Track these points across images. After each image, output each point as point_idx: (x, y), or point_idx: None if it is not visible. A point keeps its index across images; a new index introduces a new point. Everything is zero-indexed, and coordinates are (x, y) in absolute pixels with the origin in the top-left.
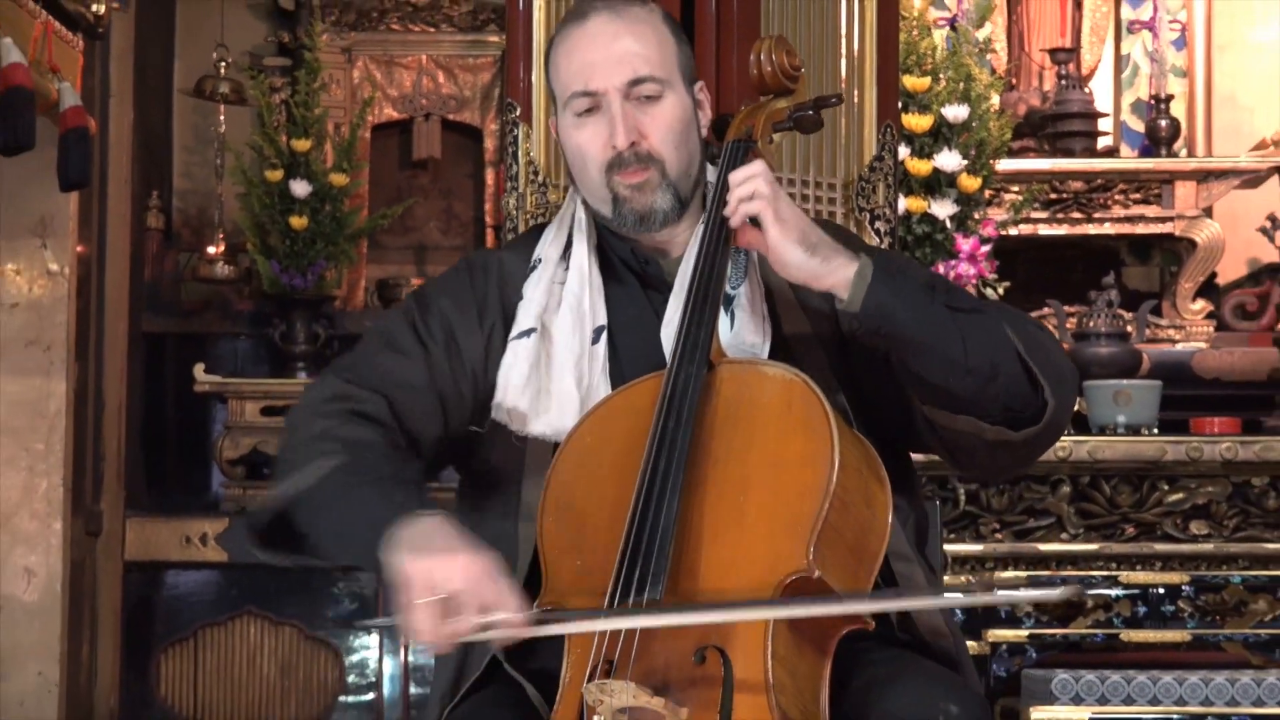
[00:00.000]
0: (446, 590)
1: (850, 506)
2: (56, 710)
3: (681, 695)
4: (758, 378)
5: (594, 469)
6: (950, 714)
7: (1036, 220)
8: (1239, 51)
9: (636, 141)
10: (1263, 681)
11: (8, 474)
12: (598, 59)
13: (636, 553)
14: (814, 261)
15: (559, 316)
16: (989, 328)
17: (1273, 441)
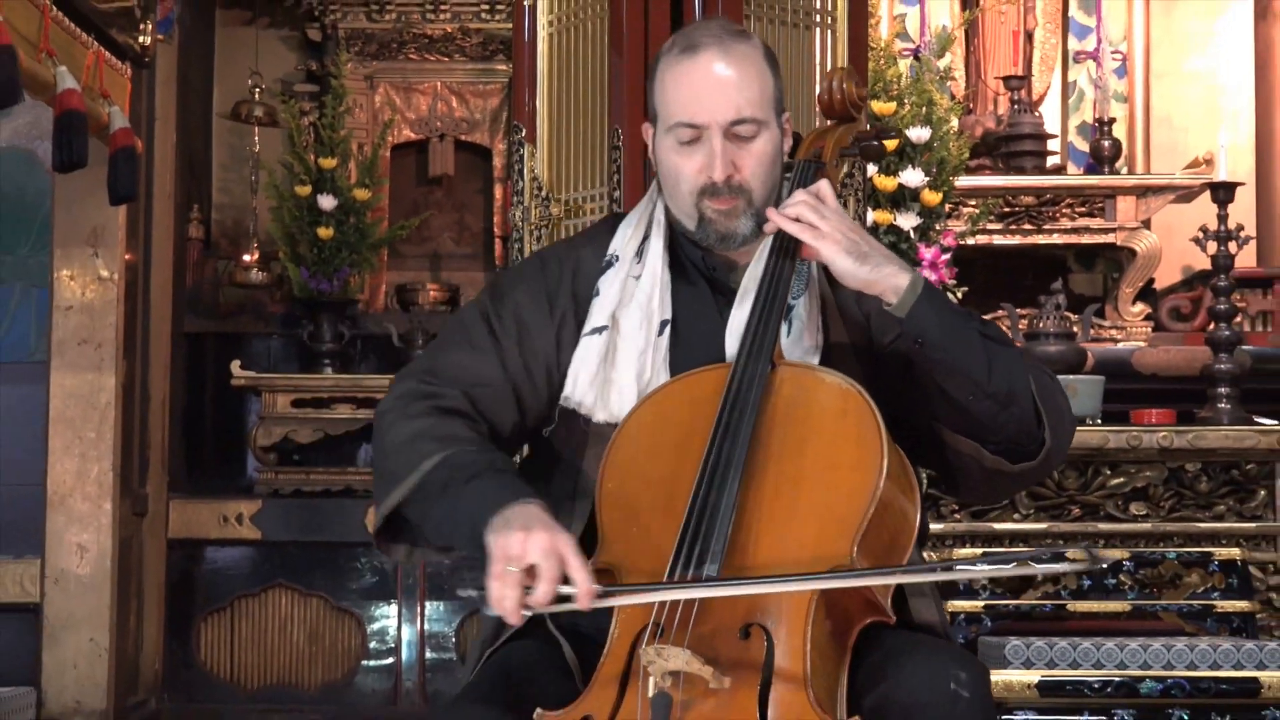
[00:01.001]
0: (525, 563)
1: (889, 510)
2: (106, 673)
3: (725, 667)
4: (816, 382)
5: (654, 447)
6: (960, 680)
7: (992, 231)
8: (1174, 79)
9: (731, 175)
10: (1195, 647)
11: (63, 460)
12: (704, 95)
13: (697, 530)
14: (865, 269)
15: (629, 311)
16: (1012, 360)
17: (1204, 431)
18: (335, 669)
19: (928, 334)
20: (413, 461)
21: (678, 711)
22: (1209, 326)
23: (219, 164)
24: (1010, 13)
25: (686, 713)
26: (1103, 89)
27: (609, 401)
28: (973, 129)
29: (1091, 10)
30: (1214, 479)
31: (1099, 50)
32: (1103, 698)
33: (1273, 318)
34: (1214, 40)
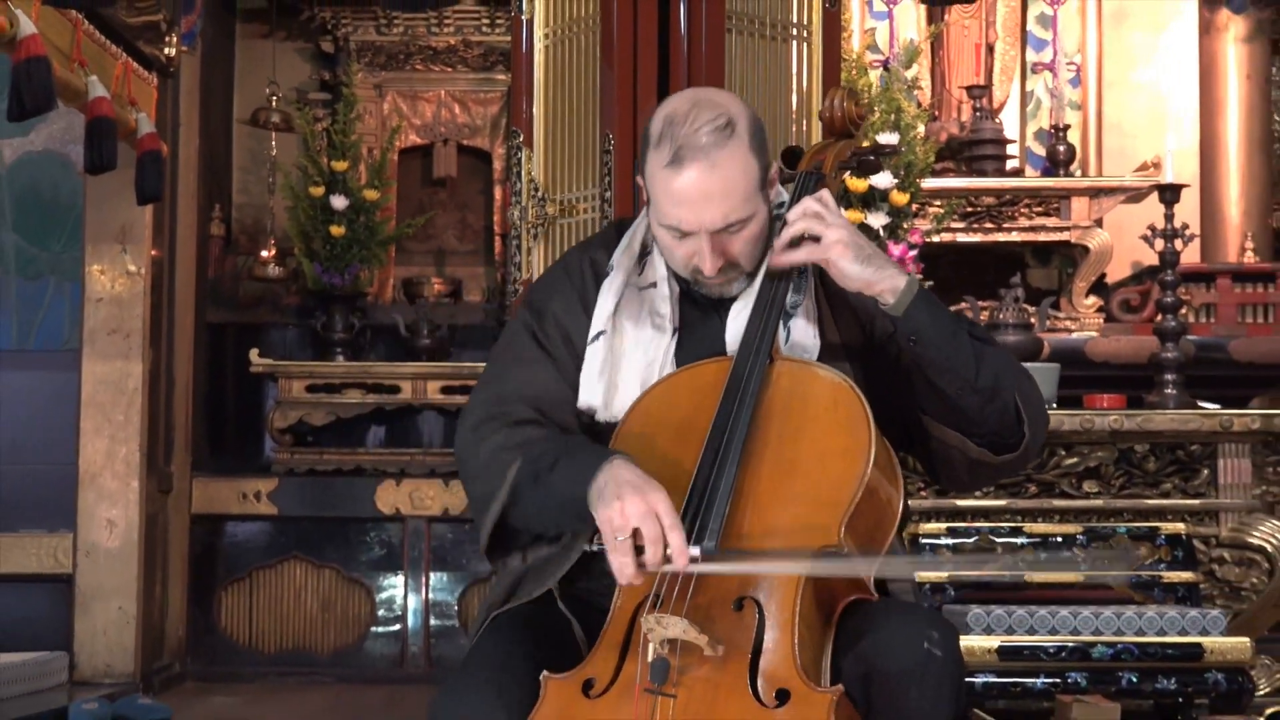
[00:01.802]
0: (629, 530)
1: (875, 497)
2: (134, 639)
3: (719, 636)
4: (811, 376)
5: (659, 429)
6: (933, 640)
7: (955, 229)
8: (1124, 89)
9: (721, 265)
10: (1143, 615)
11: (93, 441)
12: (691, 209)
13: (698, 507)
14: (869, 270)
15: (631, 316)
16: (998, 360)
17: (1152, 415)
18: (346, 635)
19: (921, 332)
20: (499, 474)
21: (674, 675)
22: (1156, 318)
23: (239, 166)
24: (973, 27)
25: (682, 677)
26: (1058, 98)
27: (614, 400)
28: (938, 134)
29: (1048, 25)
30: (1161, 459)
31: (1055, 62)
32: (1057, 662)
33: (1215, 310)
34: (1160, 53)
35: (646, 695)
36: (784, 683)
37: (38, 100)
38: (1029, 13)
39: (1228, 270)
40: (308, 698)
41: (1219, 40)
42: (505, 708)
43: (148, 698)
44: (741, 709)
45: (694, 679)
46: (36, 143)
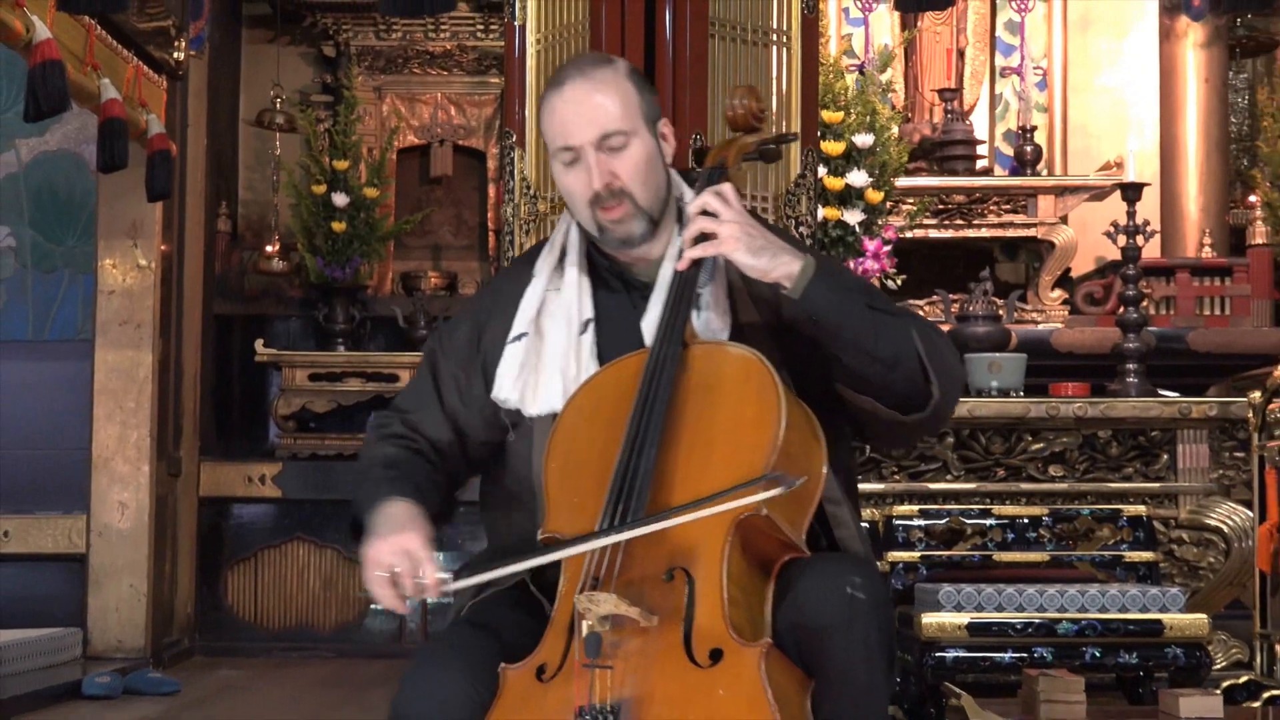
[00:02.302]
0: (385, 566)
1: (793, 459)
2: (144, 615)
3: (653, 606)
4: (723, 355)
5: (588, 426)
6: (855, 584)
7: (927, 226)
8: (1088, 92)
9: (610, 183)
10: (1106, 593)
11: (106, 427)
12: (572, 120)
13: (621, 492)
14: (761, 260)
15: (552, 318)
16: (898, 328)
17: (1115, 402)
18: (347, 612)
19: (818, 311)
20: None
21: (608, 648)
22: (1119, 310)
23: (244, 165)
24: (944, 33)
25: (620, 649)
26: (1025, 100)
27: (537, 396)
28: (911, 135)
29: (1016, 31)
30: (1123, 444)
31: (1022, 66)
32: (1024, 637)
33: (1175, 302)
34: (1122, 58)
35: (585, 671)
36: (716, 642)
37: (53, 102)
38: (998, 19)
39: (1186, 265)
40: (310, 672)
41: (1178, 46)
42: (471, 679)
43: (158, 672)
44: (676, 671)
45: (630, 649)
46: (51, 142)
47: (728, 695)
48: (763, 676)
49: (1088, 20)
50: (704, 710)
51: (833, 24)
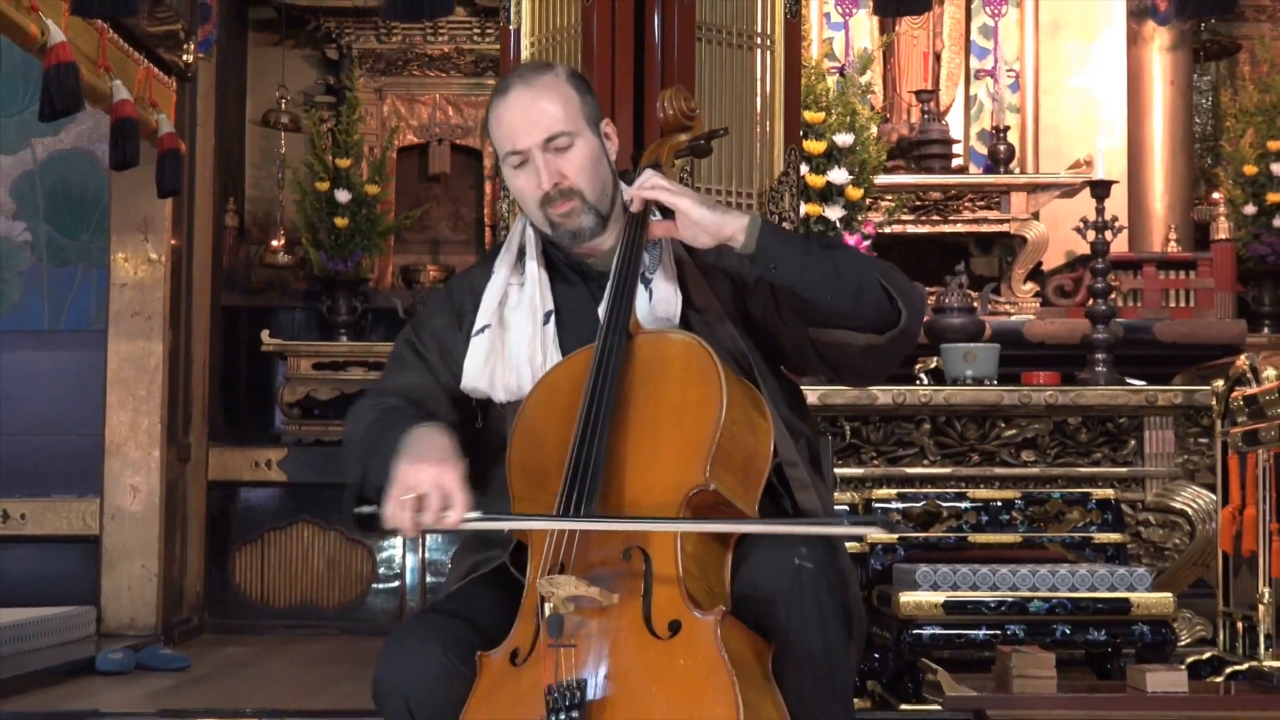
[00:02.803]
0: (417, 492)
1: (738, 436)
2: (156, 594)
3: (613, 585)
4: (666, 343)
5: (547, 419)
6: (801, 554)
7: (905, 221)
8: (1059, 94)
9: (558, 182)
10: (1076, 572)
11: (118, 414)
12: (519, 125)
13: (574, 479)
14: (715, 215)
15: (516, 310)
16: (854, 258)
17: (1084, 390)
18: (350, 591)
19: (777, 258)
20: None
21: (570, 628)
22: (1088, 302)
23: (251, 163)
24: (921, 37)
25: (583, 629)
26: (999, 101)
27: (507, 384)
28: (889, 135)
29: (989, 35)
30: (1092, 431)
31: (996, 69)
32: (998, 615)
33: (1141, 295)
34: (1092, 61)
35: (551, 651)
36: (674, 615)
37: (67, 102)
38: (972, 24)
39: (1153, 259)
40: (314, 648)
41: (1145, 50)
42: (445, 650)
43: (168, 648)
44: (638, 645)
45: (593, 628)
46: (66, 141)
47: (687, 664)
48: (719, 644)
49: (1058, 25)
50: (666, 681)
51: (814, 28)
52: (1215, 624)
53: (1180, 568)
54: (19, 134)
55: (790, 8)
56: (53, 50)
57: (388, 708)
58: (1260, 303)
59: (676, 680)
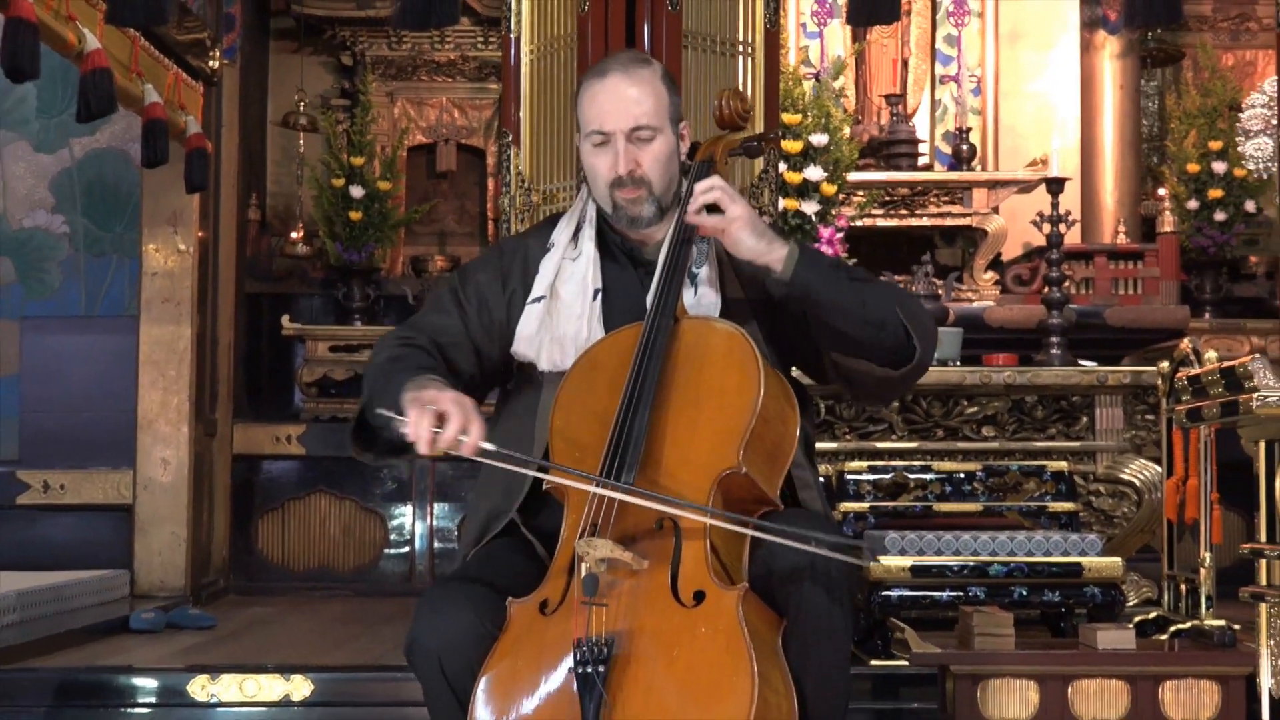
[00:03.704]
0: (440, 407)
1: (770, 423)
2: (184, 558)
3: (644, 551)
4: (710, 330)
5: (590, 388)
6: (819, 540)
7: (875, 215)
8: (1017, 98)
9: (633, 170)
10: (1032, 539)
11: (150, 393)
12: (609, 109)
13: (618, 447)
14: (761, 244)
15: (568, 284)
16: (881, 294)
17: (1040, 371)
18: (363, 556)
19: (810, 289)
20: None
21: (604, 588)
22: (1044, 290)
23: (272, 161)
24: (890, 45)
25: (614, 589)
26: (962, 105)
27: (552, 354)
28: (861, 135)
29: (954, 44)
30: (1047, 408)
31: (959, 75)
32: (960, 578)
33: (1093, 283)
34: (1047, 67)
35: (583, 607)
36: (700, 585)
37: (102, 105)
38: (937, 33)
39: (1104, 250)
40: (330, 608)
41: (1097, 57)
42: (475, 612)
43: (196, 608)
44: (664, 610)
45: (623, 590)
46: (101, 141)
47: (709, 632)
48: (740, 616)
49: (1017, 34)
50: (687, 645)
51: (792, 37)
52: (1160, 586)
53: (1128, 534)
54: (58, 134)
55: (769, 17)
56: (89, 57)
57: (421, 668)
58: (1202, 290)
59: (698, 647)
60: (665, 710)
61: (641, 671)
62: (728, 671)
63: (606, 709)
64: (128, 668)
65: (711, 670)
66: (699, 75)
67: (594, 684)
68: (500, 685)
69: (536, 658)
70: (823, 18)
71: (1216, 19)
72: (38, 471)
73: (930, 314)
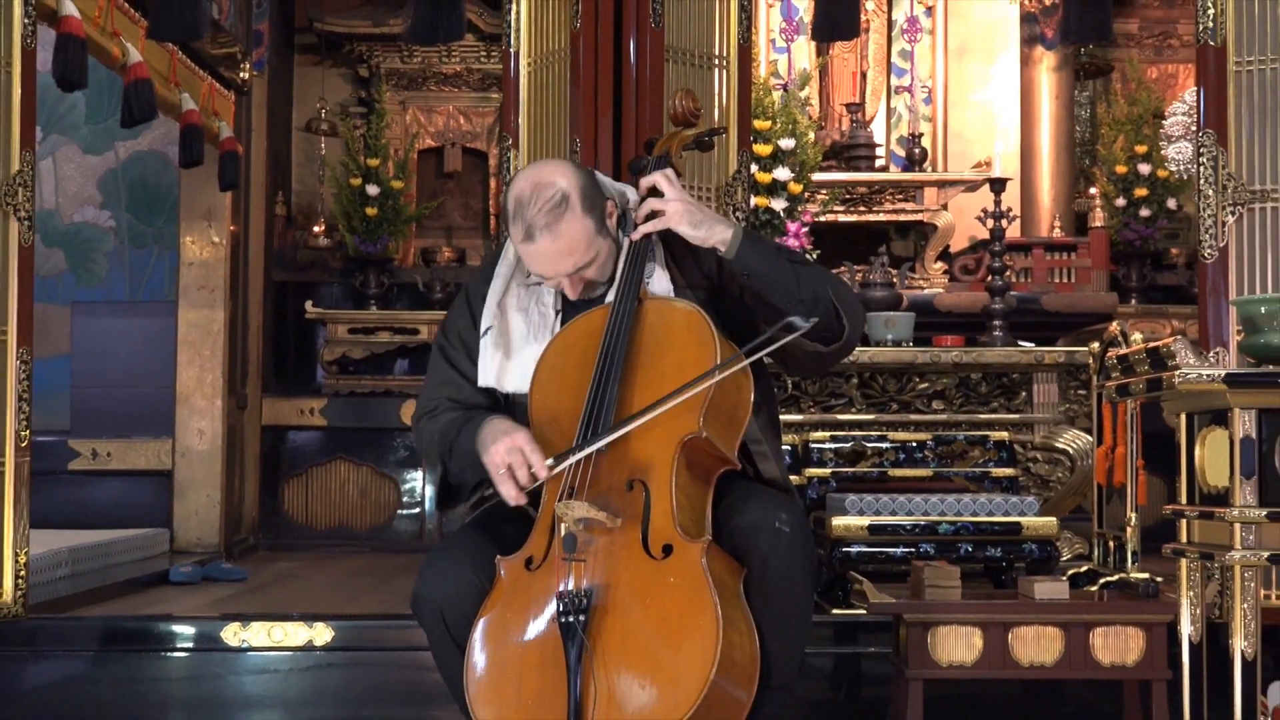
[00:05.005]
0: (505, 465)
1: (727, 391)
2: (218, 519)
3: (617, 510)
4: (669, 308)
5: (564, 368)
6: (781, 519)
7: (837, 212)
8: (964, 106)
9: (578, 286)
10: (977, 500)
11: (187, 370)
12: (543, 267)
13: (591, 418)
14: (701, 230)
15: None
16: (814, 276)
17: (984, 351)
18: (379, 516)
19: (751, 267)
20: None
21: (582, 545)
22: (987, 278)
23: (296, 163)
24: (851, 59)
25: (591, 546)
26: (914, 112)
27: (507, 378)
28: (824, 140)
29: (907, 58)
30: (990, 384)
31: (912, 85)
32: (913, 536)
33: (1031, 272)
34: (991, 80)
35: (564, 563)
36: (667, 539)
37: (143, 112)
38: (893, 48)
39: (1041, 243)
40: (349, 563)
41: (1035, 70)
42: (473, 569)
43: (229, 563)
44: (636, 563)
45: (600, 546)
46: (143, 144)
47: (677, 581)
48: (704, 566)
49: (964, 49)
50: (658, 594)
51: (762, 51)
52: (1091, 543)
53: (1062, 497)
54: (104, 138)
55: (743, 34)
56: (132, 69)
57: (425, 617)
58: (1129, 279)
59: (668, 594)
60: (640, 652)
61: (618, 619)
62: (694, 615)
63: (587, 653)
64: (167, 616)
65: (680, 615)
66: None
67: (576, 632)
68: (493, 634)
69: (524, 609)
70: (790, 34)
71: (1142, 36)
72: (87, 441)
73: (858, 298)
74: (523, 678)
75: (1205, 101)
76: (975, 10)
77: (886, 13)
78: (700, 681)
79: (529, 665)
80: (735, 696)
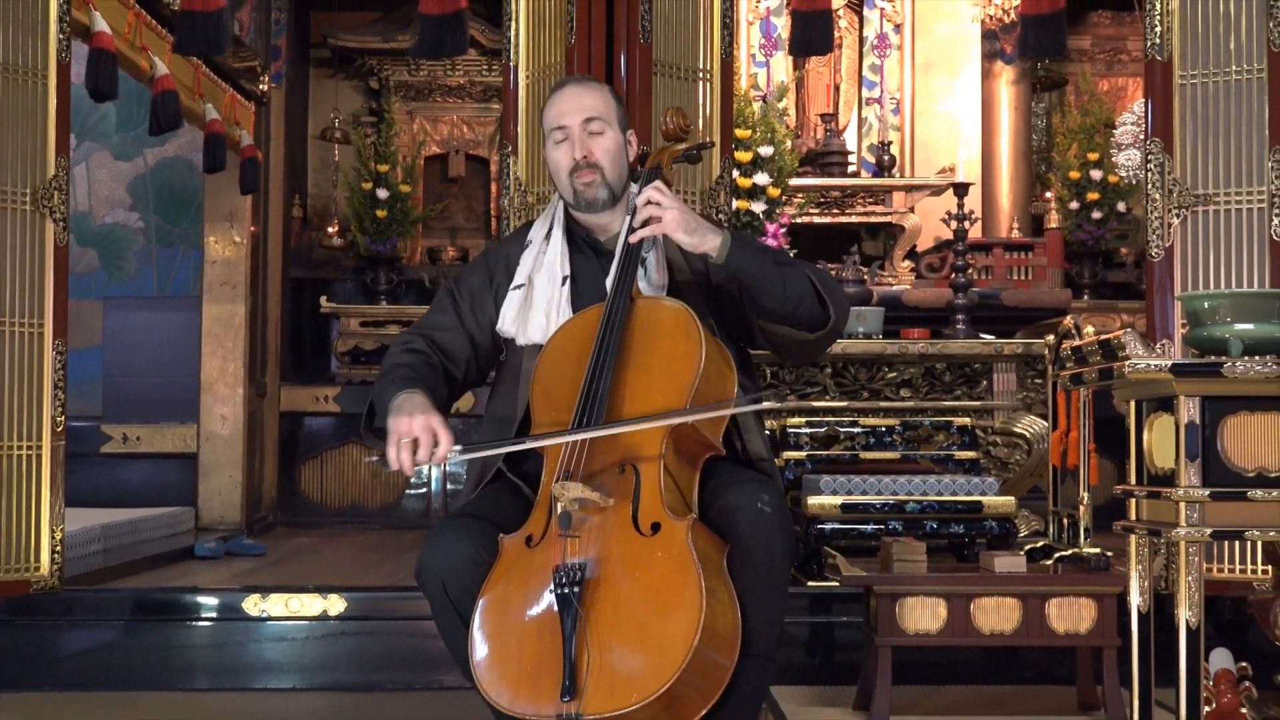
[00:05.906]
0: (411, 436)
1: (711, 382)
2: (240, 498)
3: (609, 491)
4: (660, 306)
5: (563, 360)
6: (764, 500)
7: (812, 214)
8: (930, 117)
9: (587, 155)
10: (941, 481)
11: (211, 360)
12: (565, 108)
13: (584, 408)
14: (694, 239)
15: (540, 273)
16: (799, 275)
17: (948, 343)
18: (389, 496)
19: (742, 271)
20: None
21: (577, 523)
22: (951, 276)
23: (312, 169)
24: (825, 72)
25: (586, 524)
26: (884, 122)
27: (528, 331)
28: (800, 147)
29: (877, 72)
30: (954, 374)
31: (882, 97)
32: (882, 514)
33: (992, 270)
34: (955, 92)
35: (559, 539)
36: (656, 518)
37: (170, 121)
38: (864, 63)
39: (1000, 243)
40: (360, 539)
41: (996, 83)
42: (473, 544)
43: (250, 539)
44: (626, 539)
45: (593, 524)
46: (170, 151)
47: (664, 557)
48: (689, 542)
49: (930, 64)
50: (647, 568)
51: (743, 65)
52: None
53: (1020, 478)
54: (134, 145)
55: (725, 49)
56: (159, 81)
57: (428, 588)
58: (1082, 277)
59: (655, 569)
60: (631, 622)
61: (610, 591)
62: (680, 588)
63: (582, 622)
64: (193, 588)
65: (667, 587)
66: (666, 97)
67: (571, 603)
68: (495, 607)
69: (524, 583)
70: (769, 49)
71: (1094, 52)
72: (118, 426)
73: (842, 289)
74: (523, 645)
75: (1152, 112)
76: (940, 28)
77: (858, 30)
78: (685, 649)
79: (528, 634)
80: (719, 662)
